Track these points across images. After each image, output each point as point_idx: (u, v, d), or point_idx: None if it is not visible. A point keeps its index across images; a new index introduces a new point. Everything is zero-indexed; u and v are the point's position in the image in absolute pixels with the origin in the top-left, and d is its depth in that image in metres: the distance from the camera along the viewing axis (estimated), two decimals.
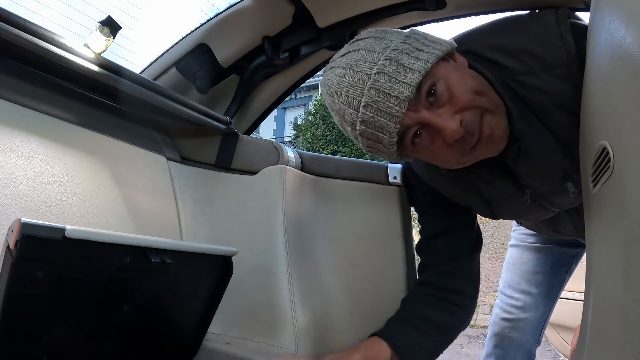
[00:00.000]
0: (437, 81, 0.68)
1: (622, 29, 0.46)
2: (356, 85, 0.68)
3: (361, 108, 0.68)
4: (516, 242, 1.37)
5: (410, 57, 0.67)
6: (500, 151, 0.75)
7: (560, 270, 1.30)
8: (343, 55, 0.73)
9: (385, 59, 0.67)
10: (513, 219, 1.06)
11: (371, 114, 0.68)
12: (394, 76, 0.66)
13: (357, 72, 0.68)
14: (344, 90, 0.69)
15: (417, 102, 0.68)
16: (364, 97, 0.67)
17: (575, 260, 1.30)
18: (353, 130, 0.72)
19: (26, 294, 0.56)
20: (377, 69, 0.67)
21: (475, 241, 0.99)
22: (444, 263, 0.96)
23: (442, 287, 0.94)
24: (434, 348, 0.91)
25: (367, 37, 0.72)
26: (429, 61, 0.67)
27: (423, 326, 0.89)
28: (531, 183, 0.83)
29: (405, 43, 0.69)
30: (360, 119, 0.69)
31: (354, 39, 0.74)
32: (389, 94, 0.66)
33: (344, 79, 0.70)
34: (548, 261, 1.29)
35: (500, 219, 1.01)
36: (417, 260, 1.07)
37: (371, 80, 0.67)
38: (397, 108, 0.66)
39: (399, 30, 0.74)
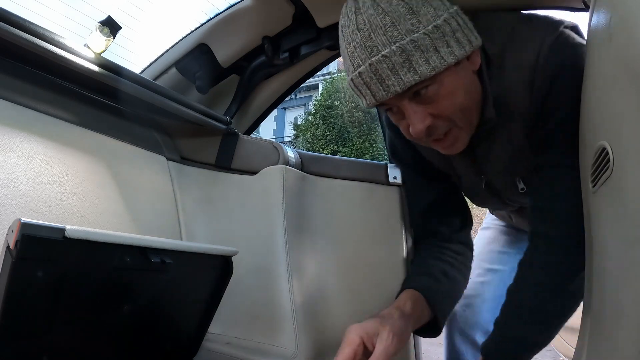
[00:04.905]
0: (431, 84, 0.70)
1: (622, 29, 0.46)
2: (362, 50, 0.69)
3: (357, 70, 0.70)
4: (487, 225, 1.37)
5: (422, 56, 0.67)
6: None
7: None
8: (374, 8, 0.68)
9: (399, 48, 0.67)
10: (479, 203, 1.08)
11: (360, 81, 0.71)
12: (397, 68, 0.67)
13: (370, 38, 0.68)
14: (353, 44, 0.70)
15: (405, 93, 0.70)
16: (363, 65, 0.69)
17: None
18: (347, 74, 0.75)
19: (26, 294, 0.56)
20: (387, 52, 0.67)
21: (464, 213, 1.02)
22: (441, 231, 0.99)
23: (447, 247, 0.97)
24: (452, 300, 0.95)
25: (404, 0, 0.68)
26: (435, 69, 0.68)
27: (442, 279, 0.92)
28: (486, 169, 0.88)
29: (432, 34, 0.67)
30: (352, 75, 0.72)
31: None
32: (384, 80, 0.69)
33: (357, 36, 0.69)
34: (517, 244, 1.28)
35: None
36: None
37: (376, 58, 0.68)
38: (383, 93, 0.70)
39: (439, 5, 0.69)
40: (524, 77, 0.75)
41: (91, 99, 1.00)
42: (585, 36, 0.75)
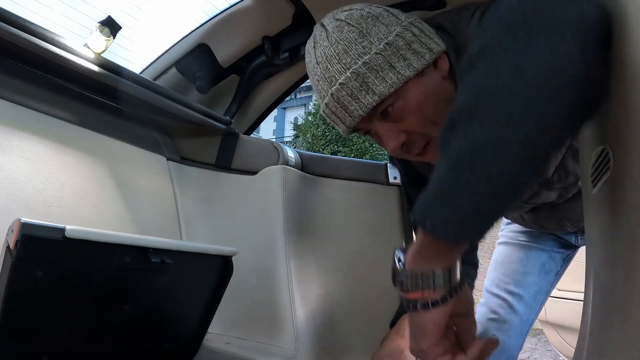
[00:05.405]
0: (395, 101, 0.69)
1: (622, 29, 0.46)
2: (324, 82, 0.71)
3: (324, 101, 0.72)
4: (506, 240, 1.34)
5: (378, 76, 0.68)
6: None
7: (549, 274, 1.28)
8: (328, 39, 0.71)
9: (353, 72, 0.68)
10: None
11: (329, 111, 0.73)
12: (355, 93, 0.69)
13: (328, 69, 0.70)
14: (316, 77, 0.73)
15: (371, 115, 0.71)
16: (327, 97, 0.71)
17: (565, 262, 1.28)
18: (320, 103, 0.76)
19: (26, 294, 0.56)
20: (343, 79, 0.69)
21: None
22: None
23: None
24: None
25: (354, 26, 0.70)
26: (392, 86, 0.67)
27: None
28: None
29: (385, 52, 0.68)
30: (322, 107, 0.74)
31: (343, 19, 0.71)
32: (347, 106, 0.70)
33: (317, 69, 0.72)
34: (538, 262, 1.26)
35: None
36: None
37: (335, 87, 0.69)
38: (350, 119, 0.71)
39: (391, 21, 0.71)
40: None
41: (91, 99, 1.00)
42: None
